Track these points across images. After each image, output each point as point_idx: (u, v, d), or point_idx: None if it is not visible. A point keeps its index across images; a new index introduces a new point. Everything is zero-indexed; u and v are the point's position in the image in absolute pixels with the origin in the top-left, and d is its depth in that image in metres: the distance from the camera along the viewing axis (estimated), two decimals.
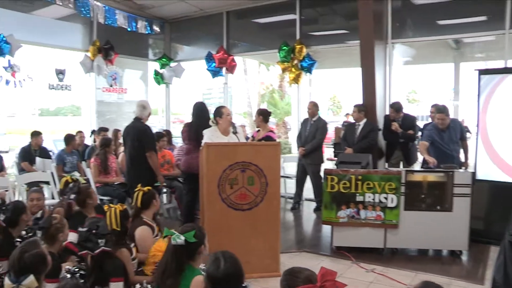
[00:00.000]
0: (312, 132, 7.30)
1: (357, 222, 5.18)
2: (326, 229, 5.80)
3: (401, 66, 9.33)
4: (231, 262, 2.28)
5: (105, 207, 3.65)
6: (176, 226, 3.02)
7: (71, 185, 4.39)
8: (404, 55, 9.14)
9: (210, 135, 5.00)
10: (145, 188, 4.09)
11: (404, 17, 7.42)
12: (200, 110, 5.66)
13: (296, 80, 8.31)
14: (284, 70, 8.43)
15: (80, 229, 3.11)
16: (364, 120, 6.82)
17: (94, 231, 3.07)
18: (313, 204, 7.61)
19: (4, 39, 6.98)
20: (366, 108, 6.86)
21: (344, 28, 8.28)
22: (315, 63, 8.21)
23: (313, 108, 7.40)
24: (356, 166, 5.32)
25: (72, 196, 4.15)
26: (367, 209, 5.14)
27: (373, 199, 5.12)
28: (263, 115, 6.43)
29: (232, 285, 2.25)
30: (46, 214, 3.40)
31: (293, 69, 8.25)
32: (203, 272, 2.63)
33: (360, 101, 6.98)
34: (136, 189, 4.11)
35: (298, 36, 8.35)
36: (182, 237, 2.70)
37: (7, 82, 7.30)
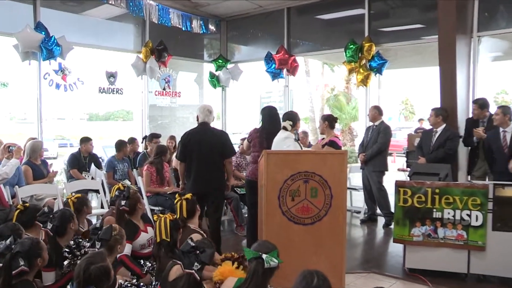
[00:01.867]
0: (374, 137, 7.28)
1: (434, 242, 4.98)
2: (398, 248, 5.63)
3: (488, 63, 8.91)
4: (323, 280, 2.33)
5: (154, 217, 3.74)
6: (231, 241, 3.01)
7: (117, 192, 4.56)
8: (492, 50, 8.69)
9: (292, 143, 5.05)
10: (188, 196, 4.17)
11: (494, 5, 7.03)
12: (272, 114, 5.78)
13: (364, 82, 8.18)
14: (350, 71, 8.33)
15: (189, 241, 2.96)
16: (443, 126, 6.54)
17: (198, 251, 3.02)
18: (383, 219, 7.46)
19: (55, 41, 7.29)
20: (445, 111, 6.58)
21: (419, 22, 8.04)
22: (385, 62, 8.05)
23: (374, 111, 7.39)
24: (433, 178, 5.13)
25: (123, 202, 4.29)
26: (446, 227, 4.93)
27: (454, 216, 4.90)
28: (329, 121, 6.37)
29: None
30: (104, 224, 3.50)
31: (361, 70, 8.14)
32: None
33: (438, 104, 6.73)
34: (177, 199, 4.18)
35: (366, 33, 8.22)
36: (276, 260, 2.67)
37: (58, 86, 7.68)
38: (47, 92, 7.64)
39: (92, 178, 7.14)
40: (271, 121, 5.70)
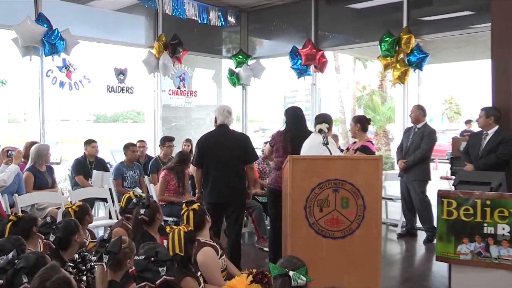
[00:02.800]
0: (416, 141, 7.21)
1: (485, 262, 4.86)
2: (441, 267, 5.56)
3: None
4: None
5: (167, 229, 3.74)
6: (252, 256, 3.00)
7: (134, 200, 4.59)
8: None
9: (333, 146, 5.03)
10: (194, 206, 4.18)
11: None
12: (297, 116, 5.83)
13: (401, 78, 8.11)
14: (386, 66, 8.27)
15: (136, 257, 3.20)
16: (495, 128, 6.40)
17: (152, 258, 3.13)
18: (424, 234, 7.38)
19: (59, 35, 7.33)
20: (498, 112, 6.42)
21: (467, 9, 7.89)
22: (427, 56, 7.95)
23: (417, 112, 7.31)
24: (483, 188, 5.00)
25: (142, 210, 4.32)
26: (501, 245, 4.80)
27: (510, 232, 4.77)
28: (361, 122, 6.31)
29: None
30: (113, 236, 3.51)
31: (398, 65, 8.07)
32: None
33: (489, 103, 6.59)
34: (184, 210, 4.21)
35: (405, 23, 8.14)
36: (304, 278, 2.66)
37: (62, 84, 7.78)
38: (49, 91, 7.74)
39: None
40: (296, 123, 5.72)
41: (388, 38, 8.10)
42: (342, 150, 7.52)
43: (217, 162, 5.51)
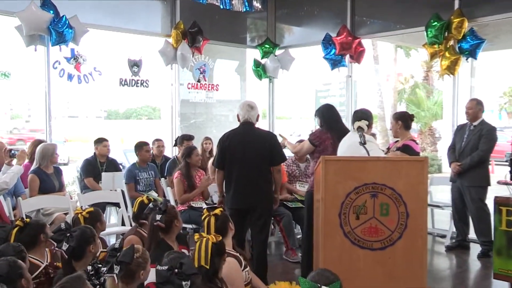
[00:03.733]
0: (473, 141, 7.12)
1: None
2: (500, 286, 5.49)
3: None
4: None
5: (195, 236, 3.76)
6: (279, 268, 3.01)
7: (151, 205, 4.65)
8: None
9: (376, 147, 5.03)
10: (216, 211, 4.22)
11: None
12: (334, 115, 5.95)
13: (451, 69, 8.01)
14: (433, 55, 8.19)
15: (159, 267, 3.23)
16: None
17: (176, 270, 3.16)
18: (478, 247, 7.29)
19: (66, 22, 7.41)
20: None
21: None
22: (482, 42, 7.83)
23: (477, 108, 7.20)
24: None
25: (158, 216, 4.36)
26: None
27: None
28: (403, 119, 6.29)
29: None
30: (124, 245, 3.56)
31: (447, 54, 7.97)
32: None
33: None
34: (205, 215, 4.25)
35: (456, 5, 8.03)
36: None
37: (70, 77, 7.90)
38: (56, 84, 7.84)
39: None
40: (335, 121, 5.87)
41: (436, 23, 8.02)
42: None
43: (240, 163, 5.56)
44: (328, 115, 5.90)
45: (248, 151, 5.56)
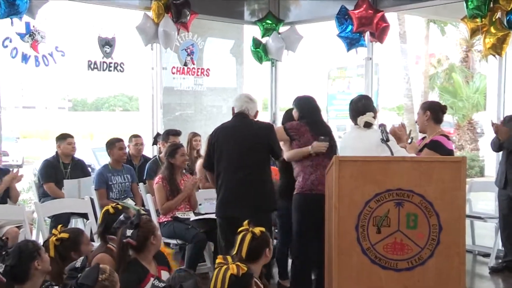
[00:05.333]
0: None
1: None
2: None
3: None
4: None
5: (218, 260, 3.73)
6: None
7: (122, 216, 4.60)
8: None
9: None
10: (257, 229, 4.20)
11: None
12: (313, 108, 6.20)
13: (497, 48, 7.97)
14: (474, 31, 8.15)
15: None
16: None
17: None
18: None
19: None
20: None
21: None
22: None
23: None
24: None
25: (129, 232, 4.33)
26: None
27: None
28: (433, 110, 6.24)
29: None
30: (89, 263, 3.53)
31: (492, 29, 7.92)
32: None
33: None
34: (241, 229, 4.24)
35: None
36: None
37: (25, 58, 7.81)
38: (7, 66, 7.79)
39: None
40: (315, 114, 6.17)
41: None
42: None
43: (231, 161, 5.61)
44: (307, 108, 6.07)
45: (241, 146, 5.62)
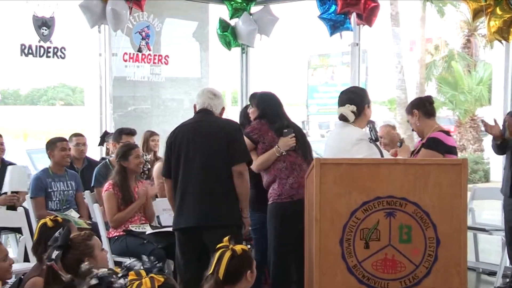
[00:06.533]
0: None
1: None
2: None
3: None
4: None
5: (130, 276, 3.75)
6: None
7: (58, 233, 4.55)
8: None
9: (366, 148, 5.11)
10: (239, 247, 4.20)
11: None
12: (274, 103, 6.33)
13: (504, 32, 8.06)
14: (477, 13, 8.22)
15: None
16: None
17: None
18: None
19: None
20: None
21: None
22: None
23: None
24: None
25: (54, 253, 4.26)
26: None
27: None
28: (419, 106, 6.26)
29: None
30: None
31: (497, 10, 8.02)
32: None
33: None
34: (220, 245, 4.23)
35: None
36: None
37: None
38: None
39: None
40: (277, 109, 6.23)
41: None
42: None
43: (189, 165, 5.60)
44: (268, 104, 6.19)
45: (201, 149, 5.59)
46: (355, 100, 5.44)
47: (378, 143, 5.30)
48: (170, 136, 5.77)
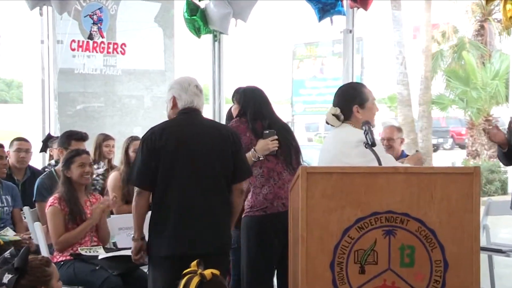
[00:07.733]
0: None
1: None
2: None
3: None
4: None
5: None
6: None
7: (7, 253, 4.55)
8: None
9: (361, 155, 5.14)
10: (207, 272, 4.16)
11: None
12: (259, 99, 6.42)
13: None
14: None
15: None
16: None
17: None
18: None
19: None
20: None
21: None
22: None
23: None
24: None
25: (7, 277, 4.28)
26: None
27: None
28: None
29: None
30: None
31: None
32: None
33: None
34: (188, 270, 4.20)
35: None
36: None
37: None
38: None
39: None
40: (263, 106, 6.33)
41: None
42: (405, 156, 7.59)
43: (183, 177, 5.50)
44: (251, 100, 6.28)
45: (198, 157, 5.53)
46: (339, 102, 5.51)
47: (380, 147, 5.30)
48: (155, 137, 5.51)
